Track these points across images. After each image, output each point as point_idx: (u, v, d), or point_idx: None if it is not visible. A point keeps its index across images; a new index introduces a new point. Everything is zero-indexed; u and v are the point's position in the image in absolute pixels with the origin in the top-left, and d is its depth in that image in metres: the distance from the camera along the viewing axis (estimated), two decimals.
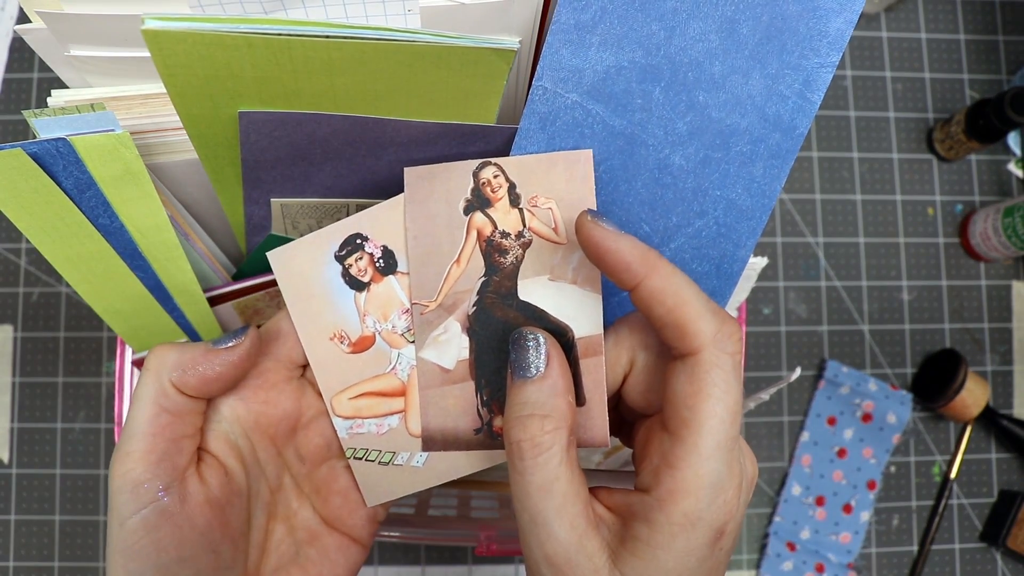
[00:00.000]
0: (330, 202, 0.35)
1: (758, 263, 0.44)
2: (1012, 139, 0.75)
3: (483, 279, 0.26)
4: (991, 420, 0.70)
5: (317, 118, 0.28)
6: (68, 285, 0.64)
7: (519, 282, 0.26)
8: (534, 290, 0.26)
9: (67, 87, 0.32)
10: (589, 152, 0.25)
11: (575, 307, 0.26)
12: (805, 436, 0.70)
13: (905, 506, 0.71)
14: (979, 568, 0.70)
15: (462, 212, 0.25)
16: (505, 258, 0.26)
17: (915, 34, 0.76)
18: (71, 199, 0.29)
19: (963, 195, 0.75)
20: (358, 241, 0.27)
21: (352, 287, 0.26)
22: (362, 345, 0.27)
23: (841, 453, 0.70)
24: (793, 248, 0.73)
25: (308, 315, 0.26)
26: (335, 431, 0.28)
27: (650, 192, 0.28)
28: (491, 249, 0.26)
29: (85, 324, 0.67)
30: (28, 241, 0.31)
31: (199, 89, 0.25)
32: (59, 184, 0.28)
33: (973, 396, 0.68)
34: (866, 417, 0.70)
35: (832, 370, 0.71)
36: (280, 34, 0.22)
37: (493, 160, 0.25)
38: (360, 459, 0.28)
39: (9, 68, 0.70)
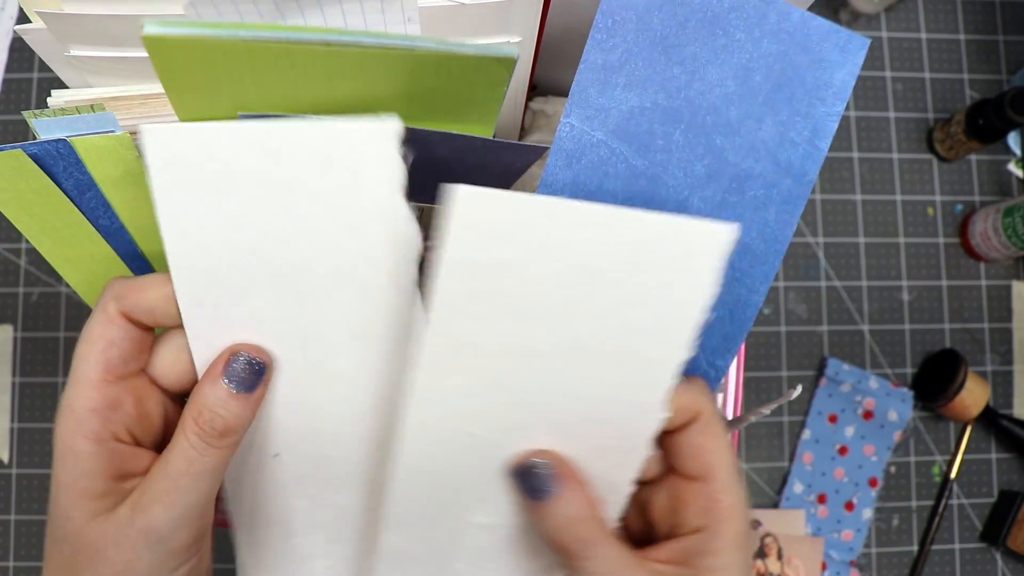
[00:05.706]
0: None
1: None
2: (1012, 139, 0.75)
3: None
4: (991, 420, 0.70)
5: None
6: (68, 285, 0.64)
7: None
8: None
9: (67, 87, 0.32)
10: None
11: None
12: (806, 434, 0.70)
13: (905, 506, 0.71)
14: (979, 568, 0.70)
15: None
16: None
17: (915, 34, 0.76)
18: (71, 200, 0.29)
19: (963, 195, 0.75)
20: None
21: None
22: None
23: (842, 451, 0.70)
24: (793, 248, 0.73)
25: None
26: None
27: None
28: None
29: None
30: (28, 241, 0.31)
31: (199, 94, 0.25)
32: (59, 185, 0.28)
33: (973, 396, 0.68)
34: (867, 414, 0.70)
35: (833, 367, 0.71)
36: (280, 40, 0.22)
37: None
38: None
39: (9, 68, 0.70)
